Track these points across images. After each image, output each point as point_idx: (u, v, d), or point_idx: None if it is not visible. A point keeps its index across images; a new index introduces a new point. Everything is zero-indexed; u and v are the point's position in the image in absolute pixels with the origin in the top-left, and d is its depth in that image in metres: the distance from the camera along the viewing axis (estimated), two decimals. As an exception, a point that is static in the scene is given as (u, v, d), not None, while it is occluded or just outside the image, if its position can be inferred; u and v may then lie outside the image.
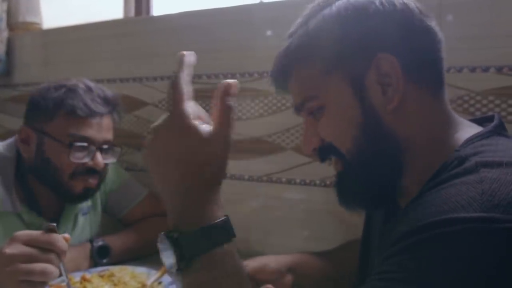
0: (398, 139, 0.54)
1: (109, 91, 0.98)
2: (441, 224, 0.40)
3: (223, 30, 1.17)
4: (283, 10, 1.09)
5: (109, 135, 0.95)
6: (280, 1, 1.11)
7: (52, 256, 0.63)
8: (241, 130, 1.14)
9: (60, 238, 0.64)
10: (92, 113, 0.90)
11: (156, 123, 0.49)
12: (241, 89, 1.19)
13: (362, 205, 0.61)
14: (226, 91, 0.49)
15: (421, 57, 0.55)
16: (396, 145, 0.54)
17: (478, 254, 0.38)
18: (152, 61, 1.27)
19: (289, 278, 0.82)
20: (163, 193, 0.50)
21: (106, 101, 0.93)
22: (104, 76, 1.35)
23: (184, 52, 0.49)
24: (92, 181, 0.93)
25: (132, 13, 1.56)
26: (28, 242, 0.61)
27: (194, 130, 0.47)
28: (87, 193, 0.95)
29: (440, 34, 0.57)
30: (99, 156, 0.91)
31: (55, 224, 0.63)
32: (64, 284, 0.76)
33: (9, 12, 1.53)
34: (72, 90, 0.91)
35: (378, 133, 0.54)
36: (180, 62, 0.49)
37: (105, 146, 0.94)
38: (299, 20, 0.60)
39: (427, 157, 0.53)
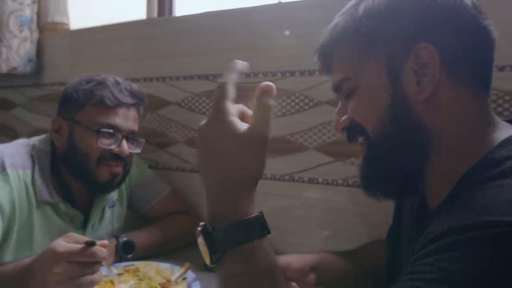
0: (425, 128, 0.54)
1: (135, 85, 1.03)
2: (480, 226, 0.40)
3: (245, 30, 1.17)
4: (303, 10, 1.09)
5: (134, 126, 1.00)
6: (299, 1, 1.11)
7: (96, 267, 0.67)
8: (263, 129, 1.14)
9: (100, 249, 0.67)
10: (119, 103, 0.95)
11: (204, 121, 0.51)
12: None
13: (383, 189, 0.60)
14: (265, 91, 0.50)
15: (465, 53, 0.54)
16: (422, 134, 0.54)
17: (510, 257, 0.38)
18: (175, 61, 1.29)
19: (312, 277, 0.82)
20: (205, 187, 0.51)
21: (132, 93, 0.99)
22: (128, 76, 1.36)
23: (238, 60, 0.53)
24: (117, 168, 0.97)
25: (155, 13, 1.59)
26: (72, 259, 0.65)
27: (233, 126, 0.48)
28: (112, 181, 0.97)
29: (494, 34, 0.55)
30: (125, 144, 0.96)
31: (93, 240, 0.66)
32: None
33: (38, 14, 1.58)
34: (101, 83, 0.96)
35: (405, 119, 0.54)
36: (233, 67, 0.53)
37: (131, 136, 0.98)
38: (351, 2, 0.60)
39: (459, 155, 0.53)
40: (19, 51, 1.52)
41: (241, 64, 0.53)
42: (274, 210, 1.15)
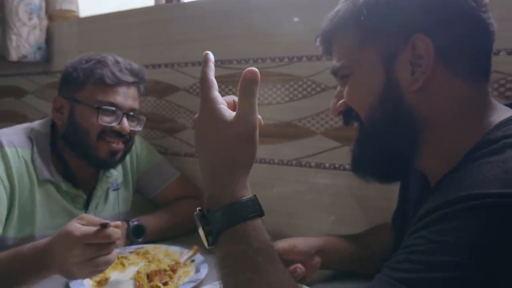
0: (416, 116, 0.55)
1: (135, 64, 1.04)
2: (464, 199, 0.42)
3: (253, 16, 1.17)
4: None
5: (135, 104, 1.01)
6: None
7: (111, 248, 0.70)
8: (271, 115, 1.15)
9: (114, 230, 0.69)
10: (119, 81, 0.97)
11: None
12: (271, 74, 1.21)
13: (370, 172, 0.63)
14: (249, 77, 0.52)
15: (462, 45, 0.54)
16: (412, 121, 0.56)
17: (497, 227, 0.40)
18: (184, 46, 1.29)
19: (317, 260, 0.83)
20: (202, 173, 0.54)
21: (132, 72, 1.00)
22: (136, 62, 1.37)
23: (207, 52, 0.56)
24: (117, 146, 0.98)
25: (163, 0, 1.58)
26: (89, 241, 0.67)
27: (219, 113, 0.51)
28: (112, 158, 0.99)
29: (493, 27, 0.56)
30: (125, 121, 0.97)
31: (107, 222, 0.68)
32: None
33: (47, 1, 1.59)
34: (101, 61, 0.97)
35: (395, 107, 0.56)
36: (206, 59, 0.55)
37: (131, 114, 1.00)
38: None
39: (456, 140, 0.54)
40: (28, 39, 1.54)
41: (211, 54, 0.56)
42: (282, 194, 1.16)
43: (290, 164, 1.14)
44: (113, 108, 0.96)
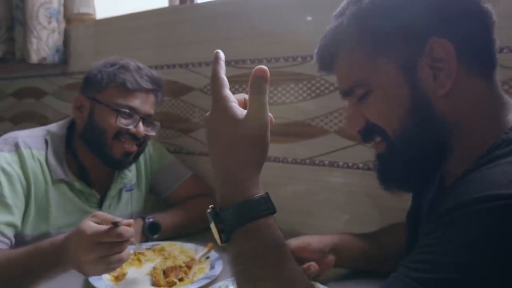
0: (447, 123, 0.54)
1: (155, 72, 1.08)
2: (482, 199, 0.41)
3: (266, 16, 1.18)
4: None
5: (151, 110, 1.05)
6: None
7: (123, 246, 0.71)
8: (284, 114, 1.16)
9: (126, 229, 0.70)
10: (139, 87, 1.01)
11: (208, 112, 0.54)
12: (284, 73, 1.21)
13: (402, 186, 0.61)
14: (258, 76, 0.52)
15: (475, 42, 0.54)
16: (444, 129, 0.54)
17: None
18: (197, 47, 1.31)
19: (331, 258, 0.83)
20: (214, 172, 0.53)
21: (152, 80, 1.04)
22: (152, 63, 1.40)
23: (218, 50, 0.56)
24: (131, 148, 1.02)
25: (177, 1, 1.60)
26: (100, 240, 0.68)
27: (231, 111, 0.51)
28: (126, 159, 1.03)
29: (494, 16, 0.55)
30: (141, 125, 1.01)
31: (119, 220, 0.70)
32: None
33: (65, 5, 1.62)
34: (124, 66, 1.02)
35: (426, 117, 0.54)
36: (216, 57, 0.55)
37: (147, 119, 1.04)
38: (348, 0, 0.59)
39: (477, 140, 0.53)
40: (48, 41, 1.58)
41: (221, 52, 0.55)
42: (295, 193, 1.17)
43: (304, 163, 1.15)
44: (131, 112, 1.00)
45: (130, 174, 1.11)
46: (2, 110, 2.02)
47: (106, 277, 0.83)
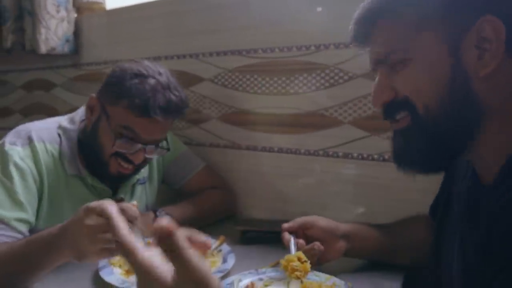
0: (482, 106, 0.52)
1: (178, 93, 0.94)
2: None
3: (278, 4, 1.15)
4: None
5: (161, 136, 0.96)
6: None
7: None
8: (297, 104, 1.13)
9: (130, 206, 0.68)
10: (148, 116, 0.90)
11: None
12: (297, 63, 1.18)
13: (420, 166, 0.59)
14: (163, 236, 0.37)
15: None
16: (478, 112, 0.53)
17: None
18: (208, 37, 1.28)
19: (342, 244, 0.82)
20: None
21: (169, 107, 0.91)
22: (162, 53, 1.39)
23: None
24: (126, 169, 0.95)
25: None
26: (102, 213, 0.64)
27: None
28: (120, 177, 0.98)
29: None
30: (141, 154, 0.93)
31: (122, 196, 0.67)
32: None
33: (74, -6, 1.61)
34: (142, 85, 0.90)
35: (463, 97, 0.53)
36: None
37: (152, 145, 0.94)
38: None
39: None
40: (57, 31, 1.57)
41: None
42: (308, 185, 1.15)
43: (317, 154, 1.12)
44: (132, 140, 0.92)
45: (142, 169, 1.07)
46: (12, 103, 2.03)
47: (118, 271, 0.82)
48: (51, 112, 1.80)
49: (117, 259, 0.86)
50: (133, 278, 0.82)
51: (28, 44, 1.65)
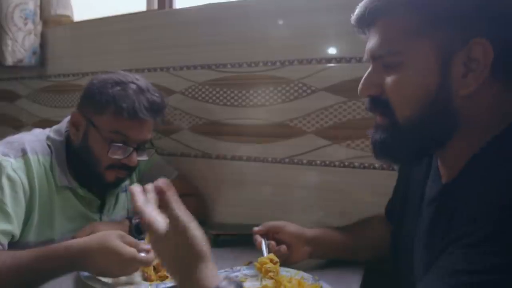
0: (458, 120, 0.55)
1: (158, 94, 1.01)
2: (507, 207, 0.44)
3: (245, 22, 1.23)
4: (300, 1, 1.14)
5: (147, 136, 1.01)
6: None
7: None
8: (264, 116, 1.21)
9: (152, 256, 0.78)
10: (137, 117, 0.95)
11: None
12: (264, 77, 1.27)
13: (394, 157, 0.63)
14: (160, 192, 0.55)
15: (509, 50, 0.53)
16: (454, 125, 0.55)
17: None
18: (178, 51, 1.34)
19: (307, 248, 0.89)
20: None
21: (153, 107, 0.98)
22: (132, 66, 1.42)
23: None
24: (123, 174, 1.02)
25: (155, 5, 1.63)
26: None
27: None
28: (117, 183, 1.04)
29: None
30: (134, 156, 0.98)
31: (143, 245, 0.79)
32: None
33: (41, 6, 1.61)
34: (125, 90, 0.96)
35: (444, 110, 0.55)
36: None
37: (141, 146, 1.01)
38: None
39: (479, 134, 0.55)
40: (24, 43, 1.57)
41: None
42: (275, 191, 1.22)
43: (284, 162, 1.20)
44: (124, 143, 0.96)
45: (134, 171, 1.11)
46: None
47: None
48: (16, 123, 1.78)
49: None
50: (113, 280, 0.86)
51: (-7, 55, 1.63)
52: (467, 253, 0.45)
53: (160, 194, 0.55)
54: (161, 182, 0.56)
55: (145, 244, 0.79)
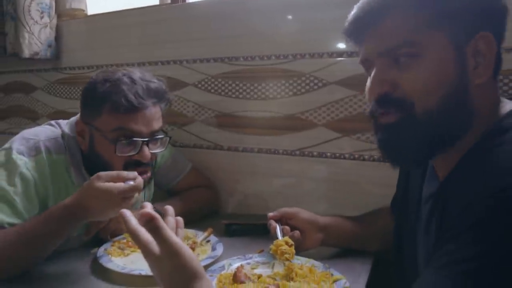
0: (473, 110, 0.56)
1: (154, 80, 0.97)
2: (504, 190, 0.44)
3: (258, 16, 1.25)
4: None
5: (156, 125, 0.95)
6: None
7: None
8: (275, 108, 1.23)
9: (140, 180, 0.81)
10: (135, 108, 0.91)
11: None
12: (276, 70, 1.29)
13: (405, 159, 0.62)
14: (147, 220, 0.56)
15: (500, 42, 0.57)
16: (470, 115, 0.56)
17: None
18: (191, 44, 1.36)
19: (319, 235, 0.92)
20: None
21: (149, 93, 0.93)
22: (145, 59, 1.45)
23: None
24: (143, 171, 0.94)
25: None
26: (126, 196, 0.79)
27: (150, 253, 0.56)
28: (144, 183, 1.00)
29: None
30: (145, 150, 0.92)
31: (126, 173, 0.81)
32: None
33: (57, 0, 1.65)
34: (115, 85, 0.92)
35: (462, 100, 0.56)
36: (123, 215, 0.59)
37: (152, 138, 0.95)
38: None
39: (474, 133, 0.56)
40: (40, 36, 1.60)
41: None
42: (286, 182, 1.25)
43: (294, 154, 1.23)
44: (131, 139, 0.91)
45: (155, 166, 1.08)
46: (-12, 105, 2.02)
47: (116, 259, 0.89)
48: (31, 114, 1.82)
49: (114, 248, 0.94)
50: (128, 262, 0.89)
51: (10, 47, 1.67)
52: (455, 243, 0.46)
53: (149, 221, 0.56)
54: (149, 207, 0.58)
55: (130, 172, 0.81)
